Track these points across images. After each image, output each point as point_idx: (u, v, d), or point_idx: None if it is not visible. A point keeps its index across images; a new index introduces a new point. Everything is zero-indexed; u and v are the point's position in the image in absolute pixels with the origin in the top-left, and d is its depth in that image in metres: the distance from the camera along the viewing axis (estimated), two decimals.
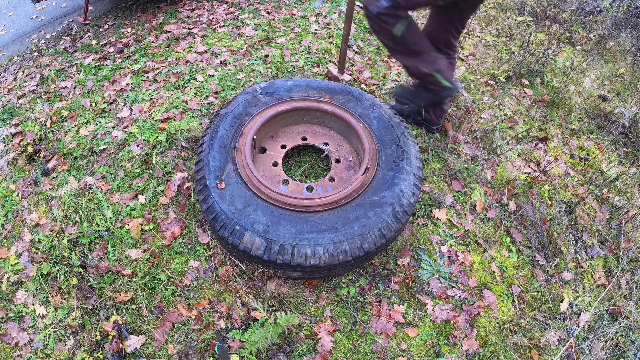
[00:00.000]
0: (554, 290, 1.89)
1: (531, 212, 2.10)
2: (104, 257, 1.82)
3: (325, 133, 2.06)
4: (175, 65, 2.76)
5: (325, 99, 1.98)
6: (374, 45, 3.10)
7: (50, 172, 2.13)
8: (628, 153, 2.67)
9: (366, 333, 1.68)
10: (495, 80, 2.97)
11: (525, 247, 2.03)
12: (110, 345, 1.59)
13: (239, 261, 1.76)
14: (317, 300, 1.74)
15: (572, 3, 3.90)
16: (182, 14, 3.39)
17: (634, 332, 1.79)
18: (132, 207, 1.97)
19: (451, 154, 2.32)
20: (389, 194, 1.63)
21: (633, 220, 2.14)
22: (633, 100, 3.04)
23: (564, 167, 2.44)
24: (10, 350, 1.59)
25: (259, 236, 1.51)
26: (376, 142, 1.83)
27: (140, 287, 1.73)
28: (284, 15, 3.31)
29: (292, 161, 2.16)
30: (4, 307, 1.69)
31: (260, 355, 1.59)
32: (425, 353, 1.65)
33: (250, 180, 1.65)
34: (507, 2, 4.00)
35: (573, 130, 2.75)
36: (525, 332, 1.74)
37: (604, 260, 2.05)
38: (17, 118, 2.40)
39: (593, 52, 3.22)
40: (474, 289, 1.84)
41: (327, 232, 1.52)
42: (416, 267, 1.87)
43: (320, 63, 2.83)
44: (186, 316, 1.66)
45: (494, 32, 3.61)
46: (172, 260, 1.82)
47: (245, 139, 1.79)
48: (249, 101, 1.94)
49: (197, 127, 2.33)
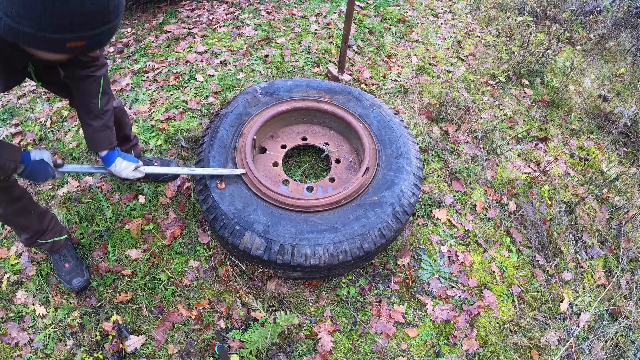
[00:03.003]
0: (554, 290, 1.89)
1: (531, 212, 2.10)
2: (104, 257, 1.82)
3: (325, 133, 2.06)
4: (175, 65, 2.76)
5: (325, 99, 1.98)
6: (374, 45, 3.10)
7: None
8: (628, 153, 2.67)
9: (366, 333, 1.68)
10: (495, 80, 2.97)
11: (525, 247, 2.03)
12: (110, 345, 1.59)
13: (239, 261, 1.76)
14: (317, 300, 1.74)
15: (572, 3, 3.90)
16: (182, 14, 3.39)
17: (634, 332, 1.79)
18: (132, 207, 1.97)
19: (451, 154, 2.32)
20: (389, 194, 1.63)
21: (633, 220, 2.14)
22: (633, 100, 3.04)
23: (564, 167, 2.44)
24: (10, 350, 1.59)
25: (259, 236, 1.51)
26: (376, 142, 1.83)
27: (140, 287, 1.73)
28: (284, 15, 3.31)
29: (292, 161, 2.15)
30: (4, 307, 1.69)
31: (260, 355, 1.59)
32: (425, 353, 1.65)
33: (250, 181, 1.65)
34: (507, 2, 4.00)
35: (573, 130, 2.75)
36: (525, 332, 1.74)
37: (604, 260, 2.05)
38: (17, 118, 2.40)
39: (593, 52, 3.22)
40: (474, 289, 1.84)
41: (327, 232, 1.51)
42: (416, 267, 1.87)
43: (320, 63, 2.83)
44: (186, 316, 1.66)
45: (494, 32, 3.61)
46: (172, 260, 1.82)
47: (245, 139, 1.79)
48: (249, 101, 1.94)
49: (197, 127, 2.33)
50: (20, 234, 1.61)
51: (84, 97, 1.37)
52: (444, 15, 3.71)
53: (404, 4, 3.71)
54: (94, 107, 1.39)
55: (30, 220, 1.56)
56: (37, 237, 1.62)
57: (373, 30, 3.23)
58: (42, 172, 1.32)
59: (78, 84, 1.35)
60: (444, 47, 3.28)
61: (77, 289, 1.70)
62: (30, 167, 1.28)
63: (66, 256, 1.73)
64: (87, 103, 1.38)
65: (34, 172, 1.30)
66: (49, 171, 1.33)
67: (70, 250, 1.75)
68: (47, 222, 1.63)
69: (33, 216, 1.56)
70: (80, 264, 1.74)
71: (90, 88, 1.35)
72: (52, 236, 1.65)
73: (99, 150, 1.47)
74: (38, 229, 1.60)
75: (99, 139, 1.44)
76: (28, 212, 1.54)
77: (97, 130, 1.42)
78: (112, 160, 1.48)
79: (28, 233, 1.59)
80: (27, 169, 1.28)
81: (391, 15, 3.46)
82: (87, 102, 1.38)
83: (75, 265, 1.72)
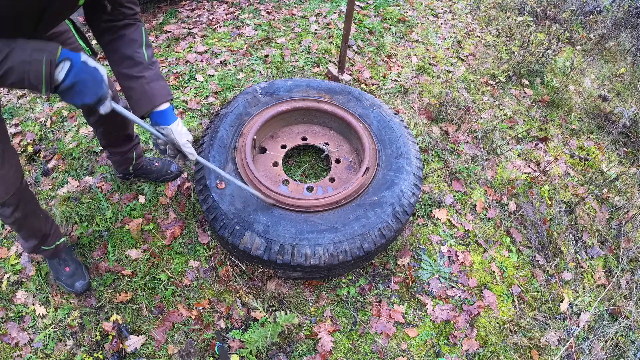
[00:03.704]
0: (554, 290, 1.89)
1: (531, 212, 2.10)
2: (104, 257, 1.82)
3: (325, 133, 2.06)
4: (175, 65, 2.76)
5: (325, 99, 1.98)
6: (374, 45, 3.10)
7: (50, 172, 2.13)
8: (628, 153, 2.67)
9: (366, 333, 1.68)
10: (495, 80, 2.97)
11: (525, 247, 2.03)
12: (110, 345, 1.59)
13: (239, 261, 1.76)
14: (317, 300, 1.74)
15: (572, 3, 3.89)
16: (182, 14, 3.39)
17: (634, 332, 1.79)
18: (132, 207, 1.97)
19: (451, 154, 2.32)
20: (389, 194, 1.63)
21: (633, 220, 2.14)
22: (633, 100, 3.04)
23: (564, 167, 2.44)
24: (10, 350, 1.59)
25: (258, 236, 1.51)
26: (376, 142, 1.83)
27: (140, 287, 1.73)
28: (284, 15, 3.31)
29: (292, 161, 2.15)
30: (4, 307, 1.68)
31: (260, 355, 1.59)
32: (425, 353, 1.65)
33: (250, 181, 1.65)
34: (507, 2, 4.00)
35: (573, 130, 2.75)
36: (525, 332, 1.74)
37: (604, 260, 2.05)
38: (17, 118, 2.40)
39: (593, 52, 3.22)
40: (474, 289, 1.84)
41: (327, 232, 1.51)
42: (416, 267, 1.87)
43: (320, 63, 2.83)
44: (186, 316, 1.66)
45: (494, 32, 3.61)
46: (172, 260, 1.81)
47: (245, 139, 1.79)
48: (249, 101, 1.94)
49: (197, 127, 2.33)
50: (28, 240, 1.54)
51: (128, 48, 1.17)
52: (444, 15, 3.71)
53: (404, 4, 3.71)
54: (141, 57, 1.19)
55: (40, 223, 1.50)
56: (42, 242, 1.56)
57: (373, 30, 3.23)
58: (95, 82, 0.93)
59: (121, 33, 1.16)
60: (444, 47, 3.28)
61: (81, 292, 1.68)
62: (78, 67, 0.90)
63: (66, 260, 1.69)
64: (133, 54, 1.18)
65: (82, 79, 0.90)
66: (102, 85, 0.95)
67: (68, 253, 1.72)
68: (50, 226, 1.57)
69: (42, 218, 1.51)
70: (80, 266, 1.72)
71: (134, 36, 1.17)
72: (53, 241, 1.61)
73: (157, 103, 1.20)
74: (45, 233, 1.55)
75: (155, 89, 1.20)
76: (38, 214, 1.48)
77: (151, 80, 1.19)
78: (171, 116, 1.22)
79: (37, 238, 1.53)
80: (72, 71, 0.89)
81: (391, 15, 3.46)
82: (132, 52, 1.18)
83: (76, 268, 1.70)
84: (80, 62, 0.91)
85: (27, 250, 1.59)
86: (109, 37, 1.17)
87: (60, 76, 0.88)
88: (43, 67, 0.84)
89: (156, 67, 1.23)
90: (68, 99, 0.93)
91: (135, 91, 1.19)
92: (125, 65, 1.19)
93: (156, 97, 1.19)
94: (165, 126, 1.21)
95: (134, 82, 1.18)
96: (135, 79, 1.18)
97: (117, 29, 1.16)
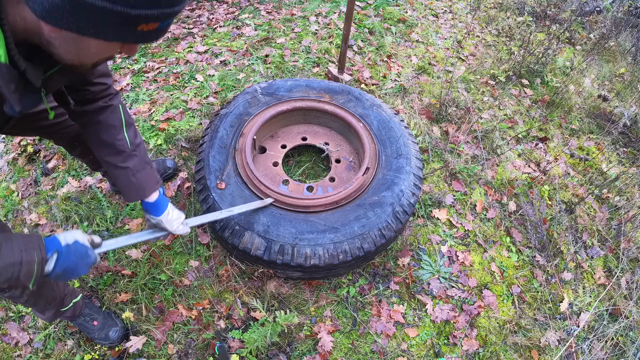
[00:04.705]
0: (554, 290, 1.89)
1: (531, 212, 2.10)
2: (103, 257, 1.82)
3: (325, 133, 2.06)
4: (175, 65, 2.76)
5: (325, 99, 1.98)
6: (374, 45, 3.10)
7: (50, 172, 2.13)
8: (628, 153, 2.67)
9: (366, 333, 1.68)
10: (495, 80, 2.97)
11: (525, 247, 2.03)
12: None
13: (239, 261, 1.76)
14: (317, 300, 1.74)
15: (572, 3, 3.89)
16: (182, 14, 3.39)
17: (634, 332, 1.79)
18: (132, 207, 1.97)
19: (451, 154, 2.32)
20: (389, 194, 1.63)
21: (633, 220, 2.14)
22: (633, 100, 3.04)
23: (564, 167, 2.44)
24: (10, 350, 1.59)
25: (259, 236, 1.51)
26: (376, 142, 1.83)
27: (140, 287, 1.73)
28: (284, 15, 3.31)
29: (292, 161, 2.15)
30: (4, 307, 1.68)
31: (260, 355, 1.59)
32: (425, 353, 1.65)
33: (250, 181, 1.65)
34: (507, 2, 3.99)
35: (573, 130, 2.75)
36: (525, 332, 1.74)
37: (604, 260, 2.05)
38: None
39: (593, 52, 3.22)
40: (474, 289, 1.84)
41: (327, 232, 1.51)
42: (416, 267, 1.87)
43: (320, 63, 2.83)
44: (186, 316, 1.66)
45: (494, 32, 3.61)
46: (172, 260, 1.82)
47: (245, 139, 1.79)
48: (249, 101, 1.94)
49: (197, 127, 2.33)
50: (46, 312, 1.39)
51: (107, 135, 1.10)
52: (444, 15, 3.71)
53: (404, 4, 3.71)
54: (123, 144, 1.12)
55: (53, 289, 1.36)
56: (60, 306, 1.42)
57: (373, 30, 3.23)
58: (82, 259, 0.91)
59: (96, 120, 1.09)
60: (444, 47, 3.28)
61: (119, 340, 1.57)
62: (64, 254, 0.87)
63: (91, 314, 1.55)
64: (113, 142, 1.11)
65: (70, 263, 0.88)
66: (90, 256, 0.92)
67: (90, 306, 1.58)
68: (63, 287, 1.42)
69: (54, 283, 1.36)
70: (108, 314, 1.60)
71: (112, 121, 1.10)
72: (70, 299, 1.46)
73: (147, 195, 1.15)
74: (61, 296, 1.41)
75: (142, 181, 1.15)
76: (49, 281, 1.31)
77: (136, 170, 1.14)
78: (163, 206, 1.17)
79: (54, 306, 1.39)
80: (60, 260, 0.86)
81: (391, 15, 3.46)
82: (112, 140, 1.10)
83: (104, 318, 1.58)
84: (64, 248, 0.88)
85: (47, 320, 1.46)
86: (83, 122, 1.11)
87: (49, 268, 0.85)
88: (35, 267, 0.81)
89: (141, 151, 1.17)
90: (62, 280, 0.91)
91: (122, 181, 1.15)
92: (107, 153, 1.13)
93: (144, 190, 1.16)
94: (155, 217, 1.18)
95: (119, 171, 1.14)
96: (120, 169, 1.13)
97: (91, 114, 1.09)
